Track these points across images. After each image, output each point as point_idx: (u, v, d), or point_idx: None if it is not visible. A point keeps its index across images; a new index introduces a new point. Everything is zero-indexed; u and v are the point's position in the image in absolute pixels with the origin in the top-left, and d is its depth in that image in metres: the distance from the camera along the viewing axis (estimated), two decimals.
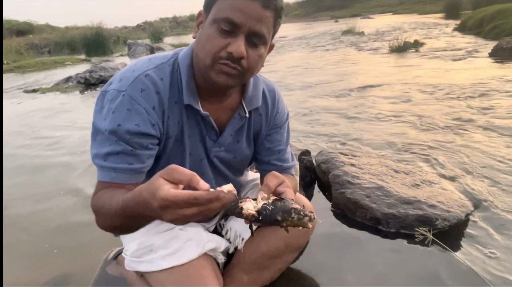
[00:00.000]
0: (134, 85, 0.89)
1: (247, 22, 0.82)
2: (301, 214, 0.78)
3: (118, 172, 0.89)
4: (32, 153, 3.08)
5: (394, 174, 1.97)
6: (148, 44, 14.37)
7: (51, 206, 2.09)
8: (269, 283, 1.21)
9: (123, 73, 0.93)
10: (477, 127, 2.88)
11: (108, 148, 0.88)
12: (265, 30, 0.85)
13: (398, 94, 4.19)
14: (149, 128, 0.89)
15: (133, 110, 0.88)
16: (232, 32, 0.83)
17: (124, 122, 0.87)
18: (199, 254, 1.02)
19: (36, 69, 10.13)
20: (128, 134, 0.87)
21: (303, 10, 51.65)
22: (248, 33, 0.84)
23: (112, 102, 0.88)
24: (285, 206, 0.80)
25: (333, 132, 3.07)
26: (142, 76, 0.90)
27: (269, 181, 0.89)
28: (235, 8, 0.82)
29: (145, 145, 0.91)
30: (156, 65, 0.94)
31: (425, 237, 1.48)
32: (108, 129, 0.87)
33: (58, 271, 1.49)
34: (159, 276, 1.00)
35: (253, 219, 0.78)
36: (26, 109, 4.90)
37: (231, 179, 1.15)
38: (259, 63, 0.90)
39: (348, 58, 7.71)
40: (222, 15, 0.83)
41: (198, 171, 1.03)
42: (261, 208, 0.78)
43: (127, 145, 0.88)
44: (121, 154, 0.88)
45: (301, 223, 0.78)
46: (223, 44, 0.84)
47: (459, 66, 5.60)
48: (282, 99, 1.16)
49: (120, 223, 0.82)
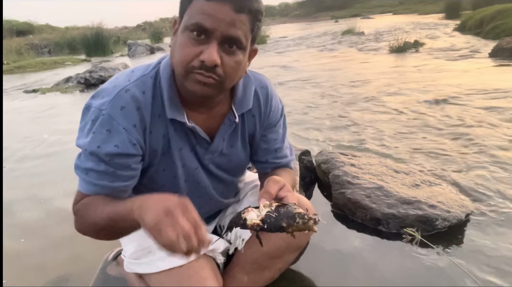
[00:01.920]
0: (114, 103, 0.86)
1: (219, 26, 0.78)
2: (306, 217, 0.78)
3: (97, 187, 0.89)
4: (32, 153, 3.08)
5: (394, 174, 1.97)
6: (148, 44, 14.37)
7: (51, 206, 2.09)
8: (269, 283, 1.21)
9: (106, 88, 0.90)
10: (477, 128, 2.87)
11: (90, 164, 0.88)
12: (240, 34, 0.80)
13: (398, 94, 4.19)
14: (128, 149, 0.87)
15: (112, 130, 0.85)
16: (204, 39, 0.79)
17: (103, 144, 0.85)
18: None
19: (36, 69, 10.14)
20: (107, 156, 0.86)
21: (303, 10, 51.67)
22: (221, 39, 0.79)
23: (93, 122, 0.86)
24: (288, 211, 0.79)
25: (333, 133, 3.07)
26: (123, 92, 0.87)
27: (269, 187, 0.88)
28: (205, 13, 0.78)
29: (127, 165, 0.89)
30: (137, 78, 0.90)
31: (413, 237, 1.48)
32: (89, 150, 0.86)
33: (58, 271, 1.49)
34: (158, 277, 1.00)
35: (258, 228, 0.78)
36: (26, 110, 4.90)
37: (228, 182, 1.13)
38: (238, 70, 0.85)
39: (348, 58, 7.71)
40: (192, 21, 0.79)
41: (193, 179, 1.02)
42: (265, 216, 0.78)
43: (107, 166, 0.87)
44: (102, 174, 0.88)
45: (306, 227, 0.78)
46: (196, 53, 0.80)
47: (459, 67, 5.60)
48: (276, 95, 1.10)
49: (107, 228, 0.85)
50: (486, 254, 1.44)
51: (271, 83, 1.10)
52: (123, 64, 7.61)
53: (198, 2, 0.79)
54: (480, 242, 1.52)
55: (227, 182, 1.12)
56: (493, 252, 1.45)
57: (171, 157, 0.97)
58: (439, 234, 1.56)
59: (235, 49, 0.82)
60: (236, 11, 0.78)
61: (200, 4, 0.79)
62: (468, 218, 1.67)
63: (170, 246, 0.67)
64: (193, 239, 0.67)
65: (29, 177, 2.57)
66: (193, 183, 1.03)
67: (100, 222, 0.84)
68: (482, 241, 1.53)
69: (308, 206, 1.16)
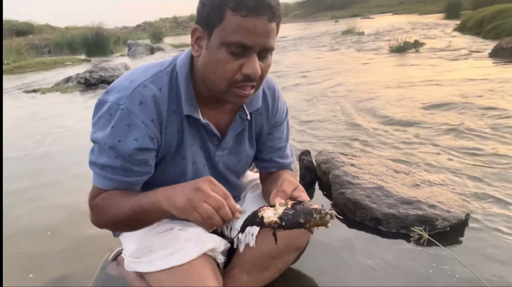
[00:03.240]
0: (132, 98, 0.87)
1: (259, 41, 0.81)
2: (322, 213, 0.81)
3: (113, 182, 0.91)
4: (32, 153, 3.08)
5: (394, 174, 1.97)
6: (148, 44, 14.38)
7: (50, 206, 2.09)
8: (269, 283, 1.21)
9: (121, 83, 0.91)
10: (477, 127, 2.88)
11: (106, 160, 0.89)
12: (273, 41, 0.85)
13: (398, 94, 4.19)
14: (147, 143, 0.89)
15: (132, 125, 0.87)
16: (244, 53, 0.82)
17: (124, 138, 0.87)
18: (198, 254, 1.02)
19: (36, 69, 10.14)
20: (127, 151, 0.87)
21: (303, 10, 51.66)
22: (259, 50, 0.84)
23: (112, 116, 0.88)
24: (305, 208, 0.82)
25: (333, 133, 3.07)
26: (140, 87, 0.89)
27: (285, 187, 0.92)
28: (244, 30, 0.79)
29: (144, 161, 0.91)
30: (153, 74, 0.92)
31: (420, 236, 1.47)
32: (108, 144, 0.87)
33: (58, 271, 1.49)
34: (159, 276, 1.00)
35: (276, 225, 0.81)
36: (26, 109, 4.90)
37: (233, 184, 1.15)
38: (268, 72, 0.91)
39: (348, 58, 7.71)
40: (232, 39, 0.80)
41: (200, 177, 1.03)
42: (282, 214, 0.81)
43: (125, 162, 0.88)
44: (118, 169, 0.89)
45: (323, 222, 0.81)
46: (237, 67, 0.83)
47: (459, 67, 5.60)
48: (282, 96, 1.15)
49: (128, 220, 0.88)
50: (486, 254, 1.44)
51: (277, 84, 1.14)
52: (123, 64, 7.61)
53: (233, 18, 0.79)
54: (480, 242, 1.52)
55: (232, 184, 1.13)
56: (493, 252, 1.45)
57: (182, 152, 0.99)
58: (439, 234, 1.56)
59: (268, 55, 0.87)
60: (270, 21, 0.82)
61: (237, 21, 0.79)
62: (468, 218, 1.67)
63: (209, 219, 0.74)
64: (227, 208, 0.75)
65: (29, 176, 2.57)
66: None
67: (122, 216, 0.87)
68: (482, 241, 1.53)
69: None
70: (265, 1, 0.80)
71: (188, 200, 0.76)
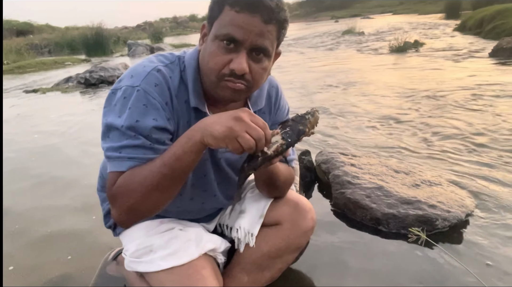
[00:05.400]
0: (148, 80, 0.88)
1: (249, 37, 0.82)
2: (311, 112, 0.88)
3: (135, 161, 0.85)
4: (32, 153, 3.08)
5: (394, 174, 1.97)
6: (148, 44, 14.38)
7: (51, 206, 2.09)
8: (269, 283, 1.21)
9: (133, 70, 0.92)
10: (477, 127, 2.88)
11: (125, 141, 0.85)
12: (268, 43, 0.85)
13: (398, 94, 4.19)
14: (166, 123, 0.89)
15: (149, 105, 0.87)
16: (234, 48, 0.83)
17: (142, 117, 0.85)
18: (198, 254, 1.02)
19: (36, 69, 10.15)
20: (147, 130, 0.85)
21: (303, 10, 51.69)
22: (250, 48, 0.84)
23: (127, 98, 0.86)
24: (295, 118, 0.88)
25: (333, 133, 3.07)
26: (154, 71, 0.90)
27: None
28: (235, 24, 0.81)
29: (162, 140, 0.88)
30: (165, 64, 0.94)
31: (418, 237, 1.47)
32: (125, 125, 0.84)
33: (58, 271, 1.49)
34: (159, 276, 1.00)
35: (284, 146, 0.84)
36: (26, 109, 4.91)
37: (233, 181, 1.14)
38: (264, 75, 0.90)
39: (348, 58, 7.71)
40: (223, 31, 0.83)
41: (201, 171, 1.03)
42: (282, 134, 0.84)
43: (145, 139, 0.85)
44: (139, 147, 0.85)
45: (316, 118, 0.88)
46: (226, 61, 0.84)
47: (459, 66, 5.60)
48: (284, 95, 1.16)
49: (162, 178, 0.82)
50: (486, 254, 1.44)
51: (279, 84, 1.15)
52: (123, 64, 7.61)
53: (229, 12, 0.82)
54: (480, 242, 1.52)
55: (233, 181, 1.13)
56: (493, 252, 1.45)
57: None
58: (439, 234, 1.56)
59: (262, 56, 0.86)
60: (265, 22, 0.82)
61: (231, 15, 0.82)
62: (468, 218, 1.67)
63: (249, 149, 0.77)
64: (264, 140, 0.78)
65: (28, 176, 2.57)
66: (200, 175, 1.04)
67: (153, 179, 0.81)
68: (482, 241, 1.53)
69: (308, 206, 1.16)
70: (262, 0, 0.81)
71: (229, 128, 0.76)
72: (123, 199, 0.84)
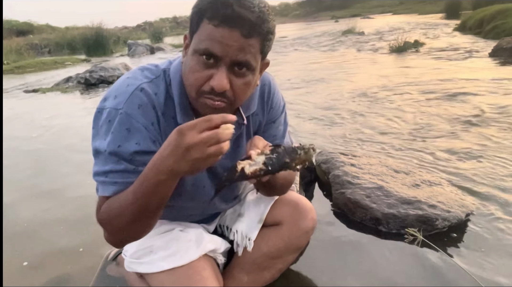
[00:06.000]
0: (131, 102, 0.85)
1: (228, 53, 0.77)
2: (306, 148, 0.81)
3: (119, 185, 0.85)
4: (31, 153, 3.08)
5: (394, 174, 1.97)
6: (148, 44, 14.38)
7: (51, 206, 2.09)
8: (269, 283, 1.21)
9: (117, 89, 0.89)
10: (477, 127, 2.88)
11: (109, 166, 0.85)
12: (250, 57, 0.80)
13: (398, 94, 4.18)
14: (150, 146, 0.86)
15: (132, 129, 0.84)
16: (214, 63, 0.79)
17: (124, 142, 0.84)
18: (199, 255, 1.02)
19: (36, 69, 10.15)
20: (129, 155, 0.84)
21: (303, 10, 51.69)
22: (230, 63, 0.79)
23: (111, 122, 0.85)
24: (287, 148, 0.82)
25: (333, 132, 3.07)
26: (137, 91, 0.86)
27: (256, 141, 0.92)
28: (214, 39, 0.77)
29: (148, 161, 0.85)
30: (150, 80, 0.90)
31: (415, 237, 1.47)
32: (108, 150, 0.84)
33: (58, 271, 1.49)
34: (159, 277, 1.00)
35: (262, 172, 0.79)
36: (26, 109, 4.90)
37: (232, 186, 1.13)
38: (247, 90, 0.85)
39: (348, 58, 7.71)
40: (202, 46, 0.78)
41: (200, 183, 1.02)
42: (266, 159, 0.79)
43: (129, 164, 0.85)
44: (122, 172, 0.85)
45: (308, 157, 0.81)
46: (206, 77, 0.80)
47: (459, 66, 5.60)
48: (278, 91, 1.10)
49: (136, 212, 0.80)
50: (486, 254, 1.44)
51: (273, 80, 1.09)
52: (123, 64, 7.61)
53: (207, 26, 0.78)
54: (480, 242, 1.52)
55: (231, 186, 1.12)
56: (493, 252, 1.45)
57: None
58: (439, 234, 1.56)
59: (245, 71, 0.81)
60: (245, 36, 0.77)
61: (209, 29, 0.77)
62: (468, 218, 1.67)
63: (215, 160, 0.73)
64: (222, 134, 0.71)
65: (29, 176, 2.57)
66: (199, 187, 1.02)
67: (129, 211, 0.81)
68: (482, 241, 1.53)
69: (308, 206, 1.16)
70: (241, 14, 0.75)
71: (191, 165, 0.72)
72: (107, 227, 0.86)
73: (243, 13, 0.76)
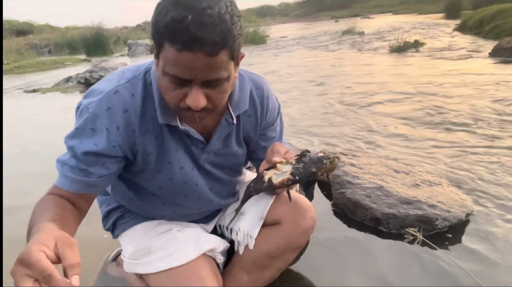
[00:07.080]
0: (101, 103, 0.86)
1: (197, 75, 0.76)
2: (331, 158, 0.84)
3: (68, 179, 0.88)
4: (32, 153, 3.08)
5: (394, 174, 1.97)
6: (148, 44, 14.36)
7: None
8: (269, 283, 1.21)
9: (96, 88, 0.91)
10: (477, 128, 2.87)
11: (66, 158, 0.89)
12: (221, 72, 0.77)
13: (398, 94, 4.18)
14: (106, 150, 0.87)
15: (96, 129, 0.86)
16: (187, 83, 0.78)
17: (84, 140, 0.86)
18: (197, 254, 1.02)
19: (36, 69, 10.14)
20: (83, 154, 0.86)
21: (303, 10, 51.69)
22: (202, 83, 0.78)
23: (80, 118, 0.89)
24: (313, 158, 0.85)
25: (333, 132, 3.07)
26: (111, 93, 0.87)
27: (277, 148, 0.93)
28: (179, 64, 0.74)
29: (101, 163, 0.88)
30: (128, 80, 0.90)
31: (415, 237, 1.47)
32: (68, 144, 0.88)
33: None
34: (158, 277, 1.00)
35: (290, 182, 0.82)
36: (25, 109, 4.90)
37: (225, 181, 1.13)
38: (226, 94, 0.85)
39: (348, 58, 7.71)
40: (169, 71, 0.76)
41: (191, 181, 1.02)
42: (293, 169, 0.82)
43: (79, 162, 0.87)
44: (74, 168, 0.88)
45: (333, 166, 0.85)
46: (181, 95, 0.80)
47: (459, 66, 5.59)
48: (272, 94, 1.10)
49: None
50: (486, 254, 1.44)
51: (267, 83, 1.09)
52: (123, 64, 7.62)
53: (170, 49, 0.74)
54: (480, 242, 1.51)
55: (224, 181, 1.12)
56: (493, 252, 1.45)
57: (167, 158, 0.96)
58: (439, 234, 1.56)
59: (220, 83, 0.80)
60: (211, 55, 0.73)
61: (173, 53, 0.74)
62: (468, 218, 1.67)
63: None
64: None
65: (29, 176, 2.57)
66: (191, 185, 1.03)
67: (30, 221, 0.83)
68: (482, 241, 1.52)
69: (307, 205, 1.16)
70: (202, 36, 0.71)
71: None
72: None
73: (203, 35, 0.71)
